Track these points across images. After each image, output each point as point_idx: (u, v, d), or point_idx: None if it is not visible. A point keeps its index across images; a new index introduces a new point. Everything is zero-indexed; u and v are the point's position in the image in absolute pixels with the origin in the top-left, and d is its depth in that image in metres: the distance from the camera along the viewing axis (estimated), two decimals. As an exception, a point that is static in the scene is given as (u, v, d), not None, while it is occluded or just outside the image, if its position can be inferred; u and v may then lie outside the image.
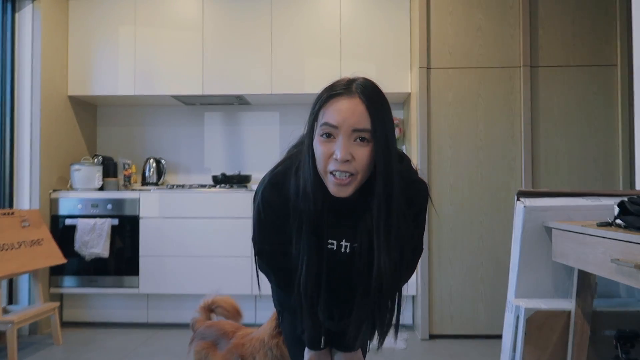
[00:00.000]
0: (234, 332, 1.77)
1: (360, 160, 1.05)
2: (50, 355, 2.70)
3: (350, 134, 1.05)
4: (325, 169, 1.07)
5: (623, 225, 1.37)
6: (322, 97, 1.10)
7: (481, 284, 2.95)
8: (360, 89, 1.07)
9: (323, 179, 1.09)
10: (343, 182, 1.06)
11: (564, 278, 1.76)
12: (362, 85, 1.08)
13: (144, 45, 3.41)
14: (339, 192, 1.07)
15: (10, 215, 2.74)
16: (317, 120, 1.09)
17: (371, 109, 1.05)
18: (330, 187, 1.08)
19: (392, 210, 1.08)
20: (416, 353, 2.73)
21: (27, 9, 3.10)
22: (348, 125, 1.04)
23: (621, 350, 1.58)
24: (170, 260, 3.15)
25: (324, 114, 1.07)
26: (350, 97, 1.06)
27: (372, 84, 1.10)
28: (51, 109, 3.23)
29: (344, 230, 1.18)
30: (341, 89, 1.08)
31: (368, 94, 1.07)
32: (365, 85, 1.08)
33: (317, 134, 1.09)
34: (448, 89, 3.00)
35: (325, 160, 1.07)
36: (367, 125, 1.05)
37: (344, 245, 1.19)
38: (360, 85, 1.08)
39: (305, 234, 1.12)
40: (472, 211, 2.97)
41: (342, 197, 1.08)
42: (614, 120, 2.96)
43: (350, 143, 1.05)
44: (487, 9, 3.01)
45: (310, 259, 1.12)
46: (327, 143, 1.06)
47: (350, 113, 1.05)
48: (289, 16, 3.36)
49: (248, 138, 3.80)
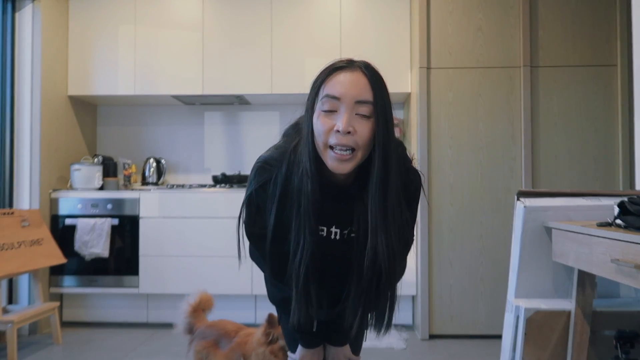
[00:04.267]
0: (236, 331, 1.77)
1: (361, 134, 1.04)
2: (50, 355, 2.70)
3: (353, 106, 1.04)
4: (325, 143, 1.05)
5: (623, 225, 1.37)
6: (324, 72, 1.09)
7: (481, 284, 2.95)
8: (362, 64, 1.09)
9: (322, 155, 1.07)
10: (343, 157, 1.04)
11: (564, 278, 1.76)
12: (363, 63, 1.10)
13: (144, 45, 3.41)
14: (338, 168, 1.05)
15: (10, 215, 2.74)
16: (318, 95, 1.08)
17: (373, 83, 1.06)
18: (329, 163, 1.06)
19: (389, 190, 1.07)
20: (416, 353, 2.73)
21: (27, 9, 3.10)
22: (351, 96, 1.04)
23: (621, 350, 1.58)
24: (170, 260, 3.15)
25: (326, 87, 1.06)
26: (353, 71, 1.07)
27: (372, 65, 1.12)
28: (51, 109, 3.23)
29: (335, 216, 1.15)
30: (343, 64, 1.08)
31: (370, 70, 1.08)
32: (367, 64, 1.10)
33: (317, 108, 1.07)
34: (448, 89, 3.00)
35: (325, 135, 1.05)
36: (369, 97, 1.04)
37: (333, 231, 1.16)
38: (361, 62, 1.10)
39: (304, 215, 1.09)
40: (472, 211, 2.97)
41: (341, 173, 1.06)
42: (614, 120, 2.96)
43: (352, 117, 1.04)
44: (487, 9, 3.01)
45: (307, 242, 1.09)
46: (328, 116, 1.05)
47: (353, 85, 1.04)
48: (289, 16, 3.36)
49: (248, 138, 3.80)
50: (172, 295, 3.21)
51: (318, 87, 1.08)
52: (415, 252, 3.01)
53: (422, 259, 2.95)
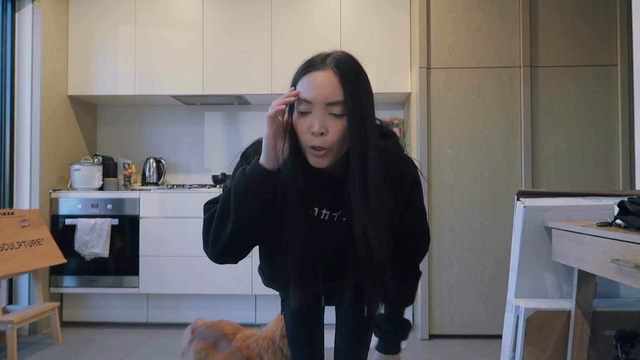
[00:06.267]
0: (234, 333, 1.77)
1: (333, 133, 1.06)
2: (50, 355, 2.70)
3: (325, 107, 1.06)
4: (305, 143, 1.08)
5: (623, 225, 1.37)
6: (299, 71, 1.12)
7: (481, 284, 2.95)
8: (334, 62, 1.08)
9: (304, 152, 1.10)
10: (319, 154, 1.07)
11: (564, 278, 1.76)
12: (336, 59, 1.09)
13: (144, 45, 3.41)
14: (317, 163, 1.09)
15: (10, 215, 2.75)
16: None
17: (344, 82, 1.06)
18: (310, 159, 1.10)
19: (367, 182, 1.09)
20: (416, 353, 2.73)
21: (27, 9, 3.10)
22: (321, 99, 1.05)
23: (621, 350, 1.58)
24: (170, 260, 3.15)
25: (301, 90, 1.09)
26: (324, 71, 1.07)
27: (347, 57, 1.11)
28: (51, 109, 3.23)
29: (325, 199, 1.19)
30: (317, 63, 1.09)
31: (342, 67, 1.07)
32: (340, 59, 1.09)
33: (295, 110, 1.10)
34: (448, 89, 3.00)
35: (304, 135, 1.08)
36: (339, 98, 1.05)
37: (324, 213, 1.20)
38: (334, 58, 1.09)
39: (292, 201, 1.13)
40: (472, 211, 2.97)
41: (321, 167, 1.09)
42: (614, 120, 2.96)
43: (325, 117, 1.06)
44: (487, 9, 3.01)
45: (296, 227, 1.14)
46: (303, 118, 1.07)
47: (322, 87, 1.06)
48: (289, 16, 3.36)
49: (248, 138, 3.80)
50: (172, 295, 3.21)
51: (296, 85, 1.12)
52: (415, 252, 3.01)
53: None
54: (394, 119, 3.53)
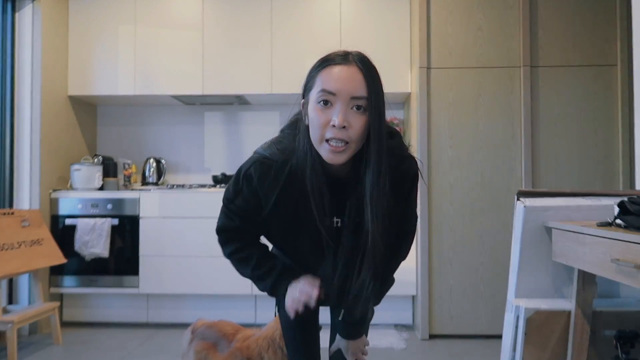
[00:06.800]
0: (233, 334, 1.77)
1: (356, 128, 1.06)
2: (50, 355, 2.70)
3: (349, 101, 1.06)
4: (321, 136, 1.08)
5: (623, 225, 1.37)
6: (319, 65, 1.11)
7: (481, 284, 2.95)
8: (357, 58, 1.10)
9: (317, 147, 1.10)
10: (338, 149, 1.06)
11: (564, 278, 1.76)
12: (358, 56, 1.11)
13: (144, 45, 3.41)
14: (333, 159, 1.08)
15: (10, 215, 2.74)
16: (314, 88, 1.10)
17: (368, 78, 1.08)
18: (324, 155, 1.09)
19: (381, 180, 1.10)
20: (416, 353, 2.73)
21: (27, 9, 3.10)
22: (346, 92, 1.06)
23: (621, 350, 1.58)
24: (170, 260, 3.15)
25: (322, 81, 1.08)
26: (348, 66, 1.08)
27: (366, 57, 1.13)
28: (51, 109, 3.23)
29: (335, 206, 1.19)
30: (338, 58, 1.10)
31: (365, 63, 1.10)
32: (362, 57, 1.12)
33: (313, 101, 1.09)
34: (448, 89, 3.00)
35: (322, 128, 1.07)
36: (364, 93, 1.07)
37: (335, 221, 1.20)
38: (356, 55, 1.12)
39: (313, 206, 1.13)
40: (472, 211, 2.97)
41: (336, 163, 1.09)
42: (614, 120, 2.96)
43: (347, 110, 1.06)
44: (487, 9, 3.01)
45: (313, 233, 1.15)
46: (324, 110, 1.07)
47: (349, 81, 1.06)
48: (289, 16, 3.36)
49: (248, 138, 3.80)
50: (172, 295, 3.21)
51: (314, 77, 1.11)
52: (415, 252, 3.01)
53: (422, 258, 2.95)
54: (394, 119, 3.53)
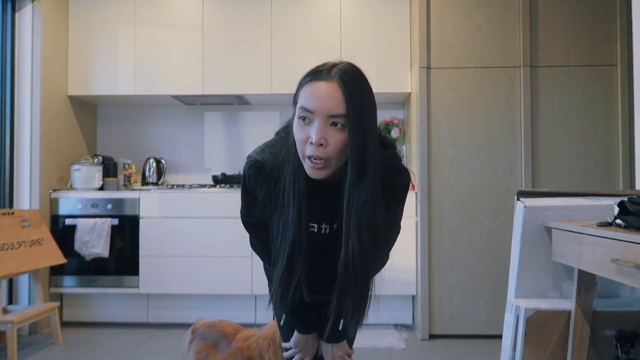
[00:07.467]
0: (234, 334, 1.77)
1: (333, 145, 1.06)
2: (50, 355, 2.70)
3: (326, 119, 1.06)
4: (302, 153, 1.09)
5: (623, 225, 1.37)
6: (304, 79, 1.11)
7: (481, 284, 2.95)
8: (339, 73, 1.07)
9: (302, 162, 1.11)
10: (317, 166, 1.07)
11: (564, 278, 1.76)
12: (341, 70, 1.08)
13: (144, 45, 3.41)
14: (314, 175, 1.09)
15: (10, 215, 2.74)
16: (298, 103, 1.11)
17: (347, 95, 1.05)
18: (307, 170, 1.10)
19: (364, 196, 1.09)
20: (416, 353, 2.73)
21: (27, 9, 3.10)
22: (324, 110, 1.05)
23: (621, 350, 1.58)
24: (170, 260, 3.15)
25: (303, 97, 1.09)
26: (329, 82, 1.06)
27: (353, 69, 1.10)
28: (51, 109, 3.23)
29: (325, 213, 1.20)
30: (321, 74, 1.08)
31: (347, 79, 1.06)
32: (345, 71, 1.08)
33: (296, 116, 1.10)
34: (448, 89, 3.00)
35: (302, 144, 1.08)
36: (342, 111, 1.05)
37: (324, 227, 1.21)
38: (340, 70, 1.08)
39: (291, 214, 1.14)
40: (472, 211, 2.97)
41: (319, 179, 1.10)
42: (614, 120, 2.96)
43: (326, 128, 1.06)
44: (487, 9, 3.01)
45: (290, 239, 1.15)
46: (304, 127, 1.08)
47: (327, 99, 1.05)
48: (289, 16, 3.36)
49: (248, 138, 3.80)
50: (172, 295, 3.22)
51: (299, 92, 1.12)
52: (415, 252, 3.01)
53: (422, 258, 2.95)
54: (394, 119, 3.53)
